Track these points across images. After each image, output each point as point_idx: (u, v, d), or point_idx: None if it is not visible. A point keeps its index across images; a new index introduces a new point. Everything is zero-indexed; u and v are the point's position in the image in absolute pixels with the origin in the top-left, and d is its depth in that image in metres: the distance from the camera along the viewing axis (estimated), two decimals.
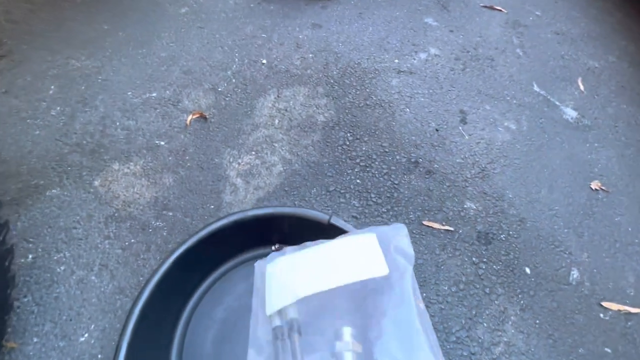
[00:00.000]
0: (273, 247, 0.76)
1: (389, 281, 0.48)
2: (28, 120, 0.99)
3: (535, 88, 1.23)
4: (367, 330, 0.45)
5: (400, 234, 0.53)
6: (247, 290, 0.72)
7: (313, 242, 0.57)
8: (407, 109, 1.12)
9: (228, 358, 0.66)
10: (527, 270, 0.83)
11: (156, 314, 0.64)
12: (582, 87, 1.25)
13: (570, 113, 1.17)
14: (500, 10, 1.49)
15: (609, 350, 0.73)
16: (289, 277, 0.52)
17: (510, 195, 0.96)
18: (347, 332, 0.45)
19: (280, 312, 0.50)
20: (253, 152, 0.98)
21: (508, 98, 1.19)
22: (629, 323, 0.77)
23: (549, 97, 1.21)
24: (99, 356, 0.66)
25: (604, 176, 1.02)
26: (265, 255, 0.76)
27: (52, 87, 1.07)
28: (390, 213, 0.89)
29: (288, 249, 0.59)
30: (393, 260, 0.50)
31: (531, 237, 0.89)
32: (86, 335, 0.68)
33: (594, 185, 1.00)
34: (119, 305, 0.72)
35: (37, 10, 1.28)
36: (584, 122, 1.15)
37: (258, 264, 0.61)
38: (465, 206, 0.93)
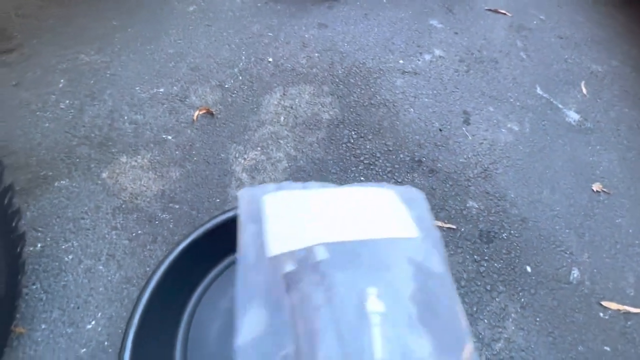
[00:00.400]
0: None
1: (419, 245, 0.41)
2: (38, 113, 1.01)
3: (539, 91, 1.24)
4: (397, 294, 0.38)
5: (418, 199, 0.46)
6: None
7: (318, 183, 0.48)
8: (411, 109, 1.14)
9: (232, 348, 0.67)
10: (528, 268, 0.84)
11: (162, 304, 0.65)
12: (585, 91, 1.26)
13: (573, 116, 1.18)
14: (505, 14, 1.50)
15: (608, 349, 0.74)
16: (300, 215, 0.42)
17: (513, 195, 0.97)
18: (373, 292, 0.37)
19: (293, 255, 0.39)
20: (259, 148, 0.99)
21: (511, 100, 1.20)
22: (629, 322, 0.78)
23: (552, 99, 1.22)
24: (106, 343, 0.67)
25: (606, 178, 1.03)
26: None
27: (62, 80, 1.09)
28: None
29: (285, 184, 0.49)
30: (418, 225, 0.43)
31: (532, 236, 0.90)
32: (93, 322, 0.69)
33: (596, 187, 1.01)
34: (125, 294, 0.73)
35: (47, 6, 1.30)
36: (587, 125, 1.16)
37: (243, 194, 0.48)
38: (467, 205, 0.94)
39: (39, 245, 0.78)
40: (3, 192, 0.54)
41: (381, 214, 0.43)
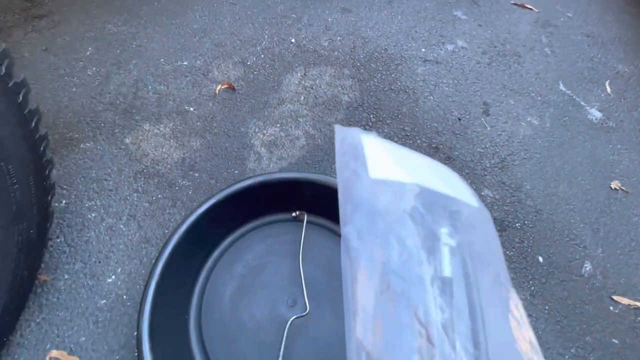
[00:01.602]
0: (293, 214, 0.78)
1: (479, 216, 0.46)
2: (65, 78, 1.03)
3: (561, 87, 1.23)
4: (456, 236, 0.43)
5: (462, 182, 0.52)
6: (266, 251, 0.75)
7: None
8: (431, 97, 1.13)
9: (244, 311, 0.69)
10: (540, 259, 0.84)
11: (180, 265, 0.67)
12: (609, 90, 1.24)
13: (595, 114, 1.17)
14: (531, 9, 1.48)
15: (616, 342, 0.74)
16: (395, 156, 0.48)
17: (528, 187, 0.97)
18: (444, 231, 0.42)
19: (392, 183, 0.43)
20: (278, 125, 1.01)
21: (533, 94, 1.19)
22: (639, 318, 0.78)
23: (574, 96, 1.21)
24: (124, 297, 0.70)
25: (625, 177, 1.02)
26: (285, 220, 0.79)
27: (89, 48, 1.11)
28: None
29: (370, 133, 0.55)
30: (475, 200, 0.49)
31: (546, 228, 0.89)
32: (113, 277, 0.72)
33: (614, 185, 1.00)
34: (144, 253, 0.75)
35: None
36: (609, 124, 1.15)
37: (339, 130, 0.53)
38: (482, 193, 0.94)
39: (64, 202, 0.81)
40: (39, 140, 0.56)
41: (452, 181, 0.50)
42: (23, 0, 1.21)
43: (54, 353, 0.63)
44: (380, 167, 0.45)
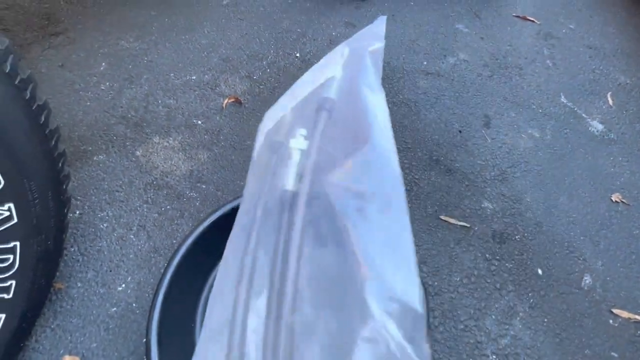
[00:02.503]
0: None
1: (343, 77, 0.49)
2: (80, 92, 1.08)
3: (563, 99, 1.24)
4: (314, 130, 0.46)
5: (377, 24, 0.52)
6: None
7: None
8: (432, 110, 1.16)
9: None
10: (540, 271, 0.85)
11: (187, 274, 0.70)
12: (611, 102, 1.25)
13: (597, 126, 1.18)
14: (533, 21, 1.50)
15: (615, 355, 0.75)
16: (279, 109, 0.58)
17: (529, 200, 0.98)
18: (302, 132, 0.47)
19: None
20: None
21: (534, 107, 1.21)
22: (639, 332, 0.78)
23: (575, 109, 1.22)
24: (134, 305, 0.73)
25: (626, 190, 1.03)
26: None
27: (103, 64, 1.16)
28: (409, 205, 0.93)
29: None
30: (357, 50, 0.49)
31: (546, 240, 0.90)
32: (123, 285, 0.75)
33: (615, 197, 1.00)
34: (153, 262, 0.79)
35: None
36: (610, 136, 1.15)
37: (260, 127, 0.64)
38: (482, 205, 0.95)
39: (78, 212, 0.84)
40: (58, 157, 0.60)
41: (320, 73, 0.54)
42: (41, 18, 1.27)
43: (67, 358, 0.66)
44: (260, 141, 0.55)
